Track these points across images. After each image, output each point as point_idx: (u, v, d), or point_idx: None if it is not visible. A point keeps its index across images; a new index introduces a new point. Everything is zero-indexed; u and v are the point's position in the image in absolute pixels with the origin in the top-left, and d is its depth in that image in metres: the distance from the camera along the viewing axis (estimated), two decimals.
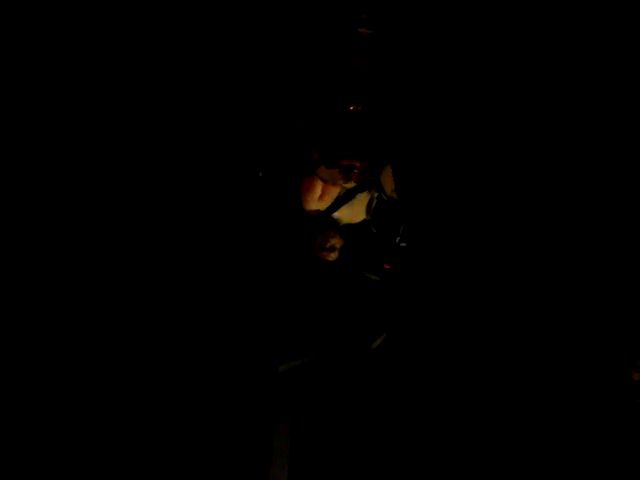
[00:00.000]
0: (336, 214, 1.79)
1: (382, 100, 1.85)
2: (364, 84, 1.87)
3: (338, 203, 1.79)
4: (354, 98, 1.86)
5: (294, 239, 1.85)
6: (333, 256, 1.79)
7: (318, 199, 1.79)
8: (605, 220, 1.75)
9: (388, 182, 1.78)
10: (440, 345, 1.81)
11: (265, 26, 1.88)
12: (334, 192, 1.79)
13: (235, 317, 1.85)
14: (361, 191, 1.79)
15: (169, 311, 1.83)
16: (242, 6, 1.88)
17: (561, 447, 1.76)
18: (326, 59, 1.88)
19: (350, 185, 1.79)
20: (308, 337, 1.86)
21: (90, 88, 1.83)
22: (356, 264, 1.81)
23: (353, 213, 1.80)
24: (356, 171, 1.77)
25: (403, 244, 1.79)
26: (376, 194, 1.78)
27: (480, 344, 1.79)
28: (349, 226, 1.80)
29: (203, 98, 1.89)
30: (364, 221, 1.80)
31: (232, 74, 1.90)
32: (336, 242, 1.79)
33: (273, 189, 1.89)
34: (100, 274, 1.82)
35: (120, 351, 1.80)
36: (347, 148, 1.79)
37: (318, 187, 1.79)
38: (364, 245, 1.81)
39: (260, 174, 1.87)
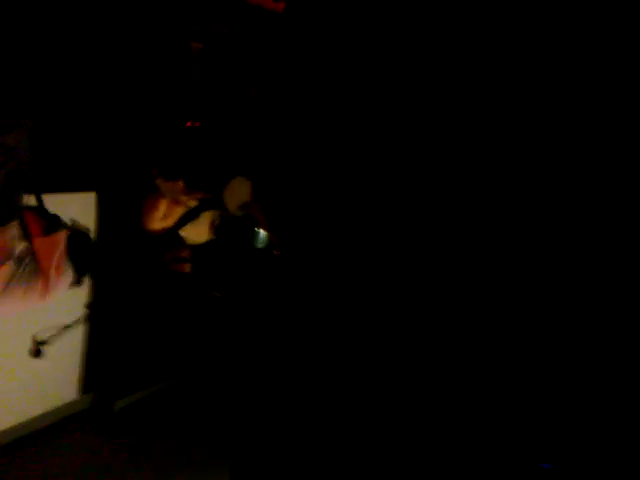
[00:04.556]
0: (182, 233, 1.78)
1: (222, 115, 1.85)
2: (203, 99, 1.84)
3: (181, 222, 1.77)
4: (192, 113, 1.83)
5: (140, 256, 1.81)
6: (188, 267, 1.79)
7: (161, 218, 1.76)
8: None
9: (231, 199, 1.79)
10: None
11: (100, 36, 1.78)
12: (178, 211, 1.77)
13: None
14: (205, 210, 1.78)
15: None
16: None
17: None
18: (161, 73, 1.82)
19: (194, 203, 1.78)
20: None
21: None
22: (205, 282, 1.82)
23: (198, 233, 1.79)
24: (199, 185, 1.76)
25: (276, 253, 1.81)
26: (219, 212, 1.78)
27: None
28: (195, 247, 1.80)
29: None
30: (211, 241, 1.81)
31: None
32: (187, 254, 1.79)
33: (111, 207, 1.83)
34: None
35: None
36: (186, 164, 1.77)
37: (162, 206, 1.75)
38: (211, 264, 1.82)
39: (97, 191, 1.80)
